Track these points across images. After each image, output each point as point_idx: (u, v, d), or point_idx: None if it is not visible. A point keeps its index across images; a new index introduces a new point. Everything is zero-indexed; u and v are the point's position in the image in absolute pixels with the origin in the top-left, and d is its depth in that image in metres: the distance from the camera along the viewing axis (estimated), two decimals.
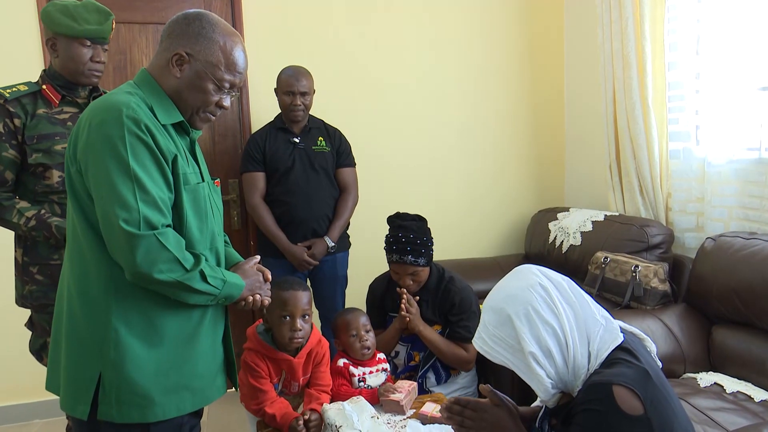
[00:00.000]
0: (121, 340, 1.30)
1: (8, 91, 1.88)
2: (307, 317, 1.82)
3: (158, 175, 1.30)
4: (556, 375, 1.20)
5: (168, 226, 1.31)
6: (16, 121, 1.86)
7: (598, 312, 1.25)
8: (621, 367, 1.15)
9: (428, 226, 2.27)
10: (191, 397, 1.41)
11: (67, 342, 1.36)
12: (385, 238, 2.27)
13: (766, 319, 2.03)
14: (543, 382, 1.19)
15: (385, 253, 2.27)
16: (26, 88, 1.91)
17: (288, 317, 1.79)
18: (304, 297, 1.82)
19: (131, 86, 1.38)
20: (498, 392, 1.38)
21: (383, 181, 3.26)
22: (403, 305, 2.19)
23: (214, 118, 1.46)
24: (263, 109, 3.06)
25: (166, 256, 1.27)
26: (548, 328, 1.19)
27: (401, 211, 2.30)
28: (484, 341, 1.26)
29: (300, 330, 1.79)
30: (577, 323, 1.20)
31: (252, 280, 1.49)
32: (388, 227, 2.27)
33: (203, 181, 1.45)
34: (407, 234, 2.17)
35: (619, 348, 1.21)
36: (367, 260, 2.85)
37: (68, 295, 1.37)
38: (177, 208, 1.35)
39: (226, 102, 1.43)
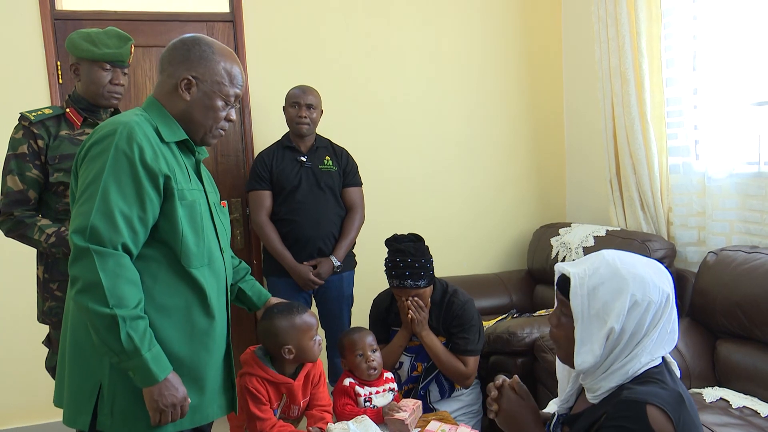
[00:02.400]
0: None
1: (33, 114, 1.96)
2: None
3: (132, 191, 1.31)
4: (596, 363, 1.17)
5: (125, 246, 1.29)
6: (40, 143, 1.93)
7: (671, 346, 1.22)
8: (655, 387, 1.13)
9: (426, 244, 2.25)
10: (190, 414, 1.42)
11: (71, 354, 1.39)
12: (384, 262, 2.26)
13: None
14: (591, 355, 1.16)
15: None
16: (51, 111, 1.99)
17: (317, 337, 1.82)
18: None
19: (139, 109, 1.46)
20: (524, 386, 1.33)
21: (385, 199, 3.27)
22: (411, 306, 2.18)
23: (224, 133, 1.53)
24: (265, 130, 3.09)
25: (92, 278, 1.24)
26: (636, 327, 1.15)
27: (398, 233, 2.29)
28: (583, 283, 1.19)
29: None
30: (654, 347, 1.17)
31: (172, 393, 1.32)
32: (387, 250, 2.26)
33: (207, 199, 1.50)
34: (405, 258, 2.17)
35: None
36: (371, 278, 2.86)
37: (72, 308, 1.39)
38: (172, 221, 1.38)
39: (233, 115, 1.52)
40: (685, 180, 2.64)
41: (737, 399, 2.00)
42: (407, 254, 2.17)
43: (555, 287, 1.28)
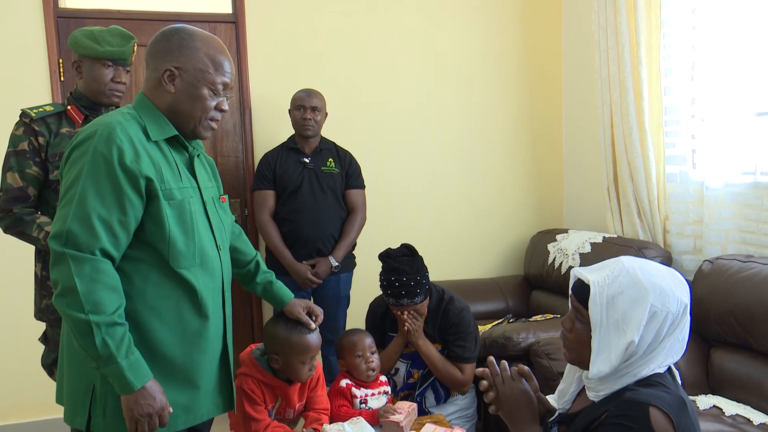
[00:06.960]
0: None
1: (34, 111, 1.96)
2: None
3: (111, 195, 1.29)
4: (611, 372, 1.17)
5: (104, 250, 1.27)
6: (41, 140, 1.94)
7: (680, 355, 1.22)
8: (658, 390, 1.14)
9: (420, 257, 2.22)
10: (183, 415, 1.42)
11: (67, 355, 1.39)
12: (379, 277, 2.24)
13: (764, 342, 2.04)
14: (608, 365, 1.16)
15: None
16: (52, 108, 1.99)
17: (311, 362, 1.79)
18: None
19: (128, 108, 1.43)
20: (531, 374, 1.31)
21: (385, 204, 3.28)
22: (406, 317, 2.18)
23: (216, 125, 1.48)
24: (266, 131, 3.10)
25: (68, 283, 1.23)
26: (653, 338, 1.16)
27: (391, 247, 2.26)
28: (602, 292, 1.18)
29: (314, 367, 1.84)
30: (666, 354, 1.18)
31: (148, 402, 1.30)
32: (381, 266, 2.23)
33: (202, 197, 1.47)
34: (400, 277, 2.14)
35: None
36: (370, 281, 2.85)
37: None
38: (158, 222, 1.35)
39: (225, 105, 1.46)
40: (682, 189, 2.66)
41: (730, 407, 2.01)
42: (402, 273, 2.15)
43: (570, 291, 1.27)
